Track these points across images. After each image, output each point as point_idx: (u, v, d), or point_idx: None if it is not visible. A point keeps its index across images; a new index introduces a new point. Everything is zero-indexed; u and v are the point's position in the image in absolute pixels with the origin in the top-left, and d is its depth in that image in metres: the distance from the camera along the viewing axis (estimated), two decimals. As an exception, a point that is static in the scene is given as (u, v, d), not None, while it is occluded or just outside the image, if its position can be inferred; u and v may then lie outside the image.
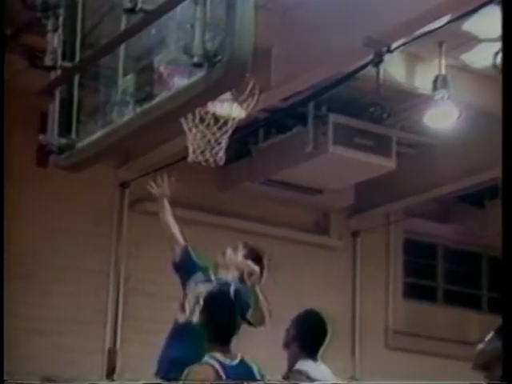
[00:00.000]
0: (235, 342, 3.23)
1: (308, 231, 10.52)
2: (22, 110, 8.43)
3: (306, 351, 3.32)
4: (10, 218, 8.70)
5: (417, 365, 10.34)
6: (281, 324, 4.07)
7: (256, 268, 4.19)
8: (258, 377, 3.18)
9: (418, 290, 11.26)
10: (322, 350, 3.43)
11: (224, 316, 3.20)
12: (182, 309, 4.49)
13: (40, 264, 8.84)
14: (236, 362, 3.16)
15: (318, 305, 10.03)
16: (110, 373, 9.06)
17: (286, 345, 3.38)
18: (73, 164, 4.41)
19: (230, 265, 4.63)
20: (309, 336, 3.35)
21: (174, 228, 4.79)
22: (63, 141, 4.22)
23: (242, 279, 4.50)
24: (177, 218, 9.74)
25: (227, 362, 3.11)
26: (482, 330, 3.16)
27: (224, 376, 3.05)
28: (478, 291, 11.36)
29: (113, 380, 9.02)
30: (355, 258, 10.81)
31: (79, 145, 4.26)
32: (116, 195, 9.50)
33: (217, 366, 3.07)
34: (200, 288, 4.46)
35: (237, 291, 4.02)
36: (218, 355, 3.10)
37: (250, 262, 4.51)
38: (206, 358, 3.11)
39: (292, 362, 3.34)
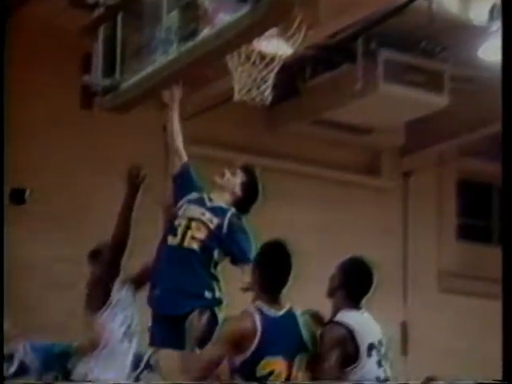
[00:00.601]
0: (284, 292, 3.24)
1: (358, 172, 10.49)
2: (65, 51, 8.48)
3: (350, 300, 3.30)
4: (55, 161, 8.90)
5: (471, 307, 10.35)
6: (331, 270, 4.07)
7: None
8: (303, 329, 3.17)
9: (471, 230, 11.20)
10: (366, 298, 3.42)
11: (279, 267, 3.22)
12: (172, 230, 4.18)
13: (85, 207, 9.00)
14: (281, 312, 3.15)
15: (368, 248, 10.10)
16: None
17: (331, 293, 3.37)
18: (117, 105, 4.46)
19: (226, 188, 4.38)
20: (353, 284, 3.33)
21: (180, 142, 4.62)
22: (107, 81, 4.26)
23: (236, 204, 4.35)
24: (223, 161, 9.85)
25: (271, 312, 3.12)
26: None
27: (260, 329, 3.05)
28: (535, 232, 11.26)
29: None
30: (407, 200, 10.77)
31: (123, 85, 4.31)
32: (161, 137, 9.55)
33: (256, 316, 3.07)
34: (191, 211, 4.24)
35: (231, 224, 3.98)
36: (263, 305, 3.11)
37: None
38: (248, 307, 3.13)
39: (335, 312, 3.34)
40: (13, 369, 3.75)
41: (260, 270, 3.21)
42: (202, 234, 4.05)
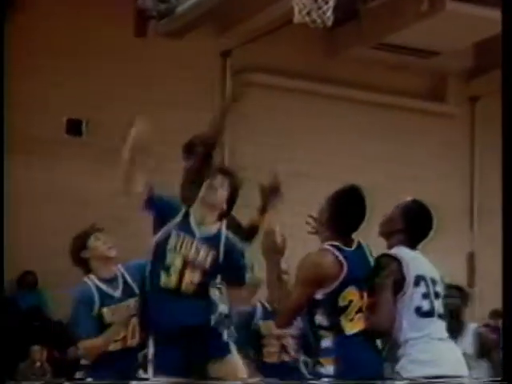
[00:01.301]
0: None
1: (422, 98, 10.32)
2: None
3: (407, 243, 3.38)
4: (112, 92, 8.92)
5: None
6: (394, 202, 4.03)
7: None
8: (371, 259, 3.30)
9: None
10: (423, 242, 3.49)
11: (354, 213, 3.30)
12: (165, 267, 3.81)
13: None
14: (354, 247, 3.29)
15: (434, 179, 9.99)
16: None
17: (387, 235, 3.42)
18: (173, 30, 4.43)
19: (217, 206, 3.92)
20: (412, 230, 3.38)
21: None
22: (163, 5, 4.23)
23: (235, 228, 4.10)
24: (282, 89, 9.77)
25: (346, 248, 3.25)
26: None
27: (344, 262, 3.18)
28: None
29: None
30: (474, 126, 10.59)
31: (179, 9, 4.27)
32: (217, 65, 9.51)
33: (337, 252, 3.20)
34: (183, 248, 3.82)
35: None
36: (338, 243, 3.24)
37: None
38: (324, 246, 3.24)
39: (389, 248, 3.43)
40: (119, 291, 3.88)
41: (335, 215, 3.29)
42: (198, 277, 3.85)
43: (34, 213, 8.58)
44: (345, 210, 3.33)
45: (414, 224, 3.46)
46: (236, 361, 3.92)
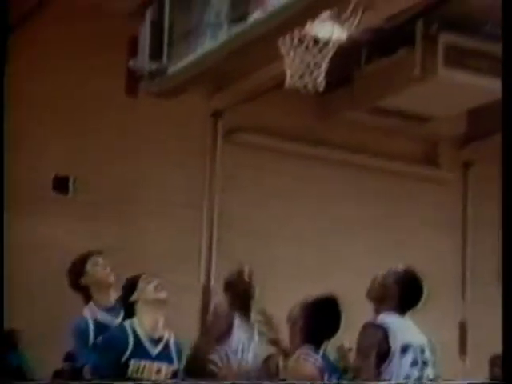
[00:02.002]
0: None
1: (415, 163, 10.39)
2: (112, 36, 8.55)
3: (395, 310, 3.41)
4: (100, 149, 8.98)
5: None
6: (384, 264, 4.06)
7: None
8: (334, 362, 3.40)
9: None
10: (412, 310, 3.53)
11: (329, 325, 3.39)
12: None
13: (131, 196, 9.08)
14: (321, 352, 3.36)
15: (425, 244, 10.00)
16: (205, 310, 9.31)
17: (378, 300, 3.45)
18: (164, 90, 4.49)
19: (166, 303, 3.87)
20: (404, 299, 3.44)
21: None
22: (154, 65, 4.29)
23: None
24: (272, 150, 9.84)
25: (316, 355, 3.30)
26: None
27: (323, 369, 3.23)
28: None
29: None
30: (466, 192, 10.64)
31: (171, 70, 4.33)
32: (209, 125, 9.60)
33: (313, 360, 3.26)
34: (145, 373, 3.62)
35: None
36: (311, 350, 3.30)
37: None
38: (302, 353, 3.28)
39: (376, 313, 3.44)
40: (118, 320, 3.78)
41: (310, 324, 3.37)
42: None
43: (19, 269, 8.54)
44: (320, 320, 3.39)
45: (406, 292, 3.49)
46: None
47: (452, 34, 8.49)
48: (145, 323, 3.79)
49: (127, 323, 3.80)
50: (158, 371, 3.72)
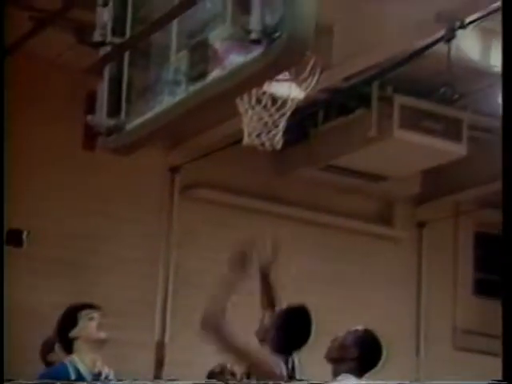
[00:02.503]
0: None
1: (370, 221, 10.46)
2: (69, 90, 8.54)
3: (355, 371, 3.41)
4: (55, 203, 8.90)
5: (487, 367, 10.21)
6: (342, 325, 4.04)
7: None
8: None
9: (489, 286, 11.11)
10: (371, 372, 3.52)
11: (298, 334, 3.37)
12: None
13: (87, 251, 8.98)
14: (290, 367, 3.33)
15: (380, 301, 10.02)
16: (159, 366, 9.18)
17: (336, 361, 3.44)
18: (121, 146, 4.45)
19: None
20: (363, 360, 3.44)
21: None
22: (112, 122, 4.25)
23: None
24: (229, 206, 9.85)
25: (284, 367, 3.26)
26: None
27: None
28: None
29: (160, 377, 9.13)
30: (421, 251, 10.72)
31: (128, 126, 4.30)
32: (166, 180, 9.59)
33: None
34: None
35: None
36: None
37: None
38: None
39: (336, 374, 3.44)
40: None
41: (279, 333, 3.33)
42: None
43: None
44: (289, 329, 3.36)
45: (366, 353, 3.49)
46: None
47: (407, 96, 8.64)
48: (86, 360, 3.76)
49: (68, 362, 3.74)
50: None
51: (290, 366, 3.29)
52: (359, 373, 3.43)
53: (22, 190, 8.75)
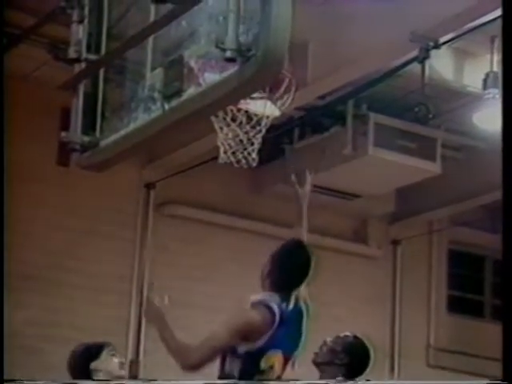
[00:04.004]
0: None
1: (345, 239, 10.48)
2: (43, 106, 8.50)
3: (345, 377, 3.41)
4: (29, 218, 8.84)
5: (460, 385, 10.25)
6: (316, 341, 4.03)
7: None
8: (304, 325, 3.25)
9: (463, 304, 11.16)
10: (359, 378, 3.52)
11: (296, 266, 3.35)
12: None
13: (59, 267, 8.92)
14: (291, 306, 3.27)
15: (354, 319, 10.03)
16: (132, 385, 9.11)
17: (324, 365, 3.44)
18: (96, 163, 4.44)
19: None
20: (353, 366, 3.44)
21: None
22: (86, 138, 4.25)
23: None
24: (204, 223, 9.84)
25: (284, 306, 3.21)
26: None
27: (277, 322, 3.13)
28: (528, 307, 11.20)
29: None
30: (395, 269, 10.75)
31: (103, 143, 4.29)
32: (141, 197, 9.56)
33: (275, 309, 3.16)
34: None
35: None
36: (278, 298, 3.22)
37: None
38: (264, 298, 3.19)
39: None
40: None
41: (276, 268, 3.32)
42: None
43: None
44: (286, 264, 3.35)
45: (355, 360, 3.51)
46: None
47: (382, 115, 8.69)
48: None
49: None
50: None
51: (290, 303, 3.26)
52: (346, 379, 3.44)
53: (-5, 205, 8.68)
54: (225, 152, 5.76)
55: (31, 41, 7.45)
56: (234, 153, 5.72)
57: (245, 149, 5.72)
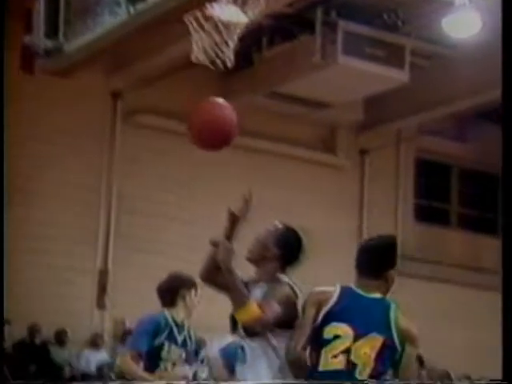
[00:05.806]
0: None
1: (313, 149, 10.50)
2: (7, 6, 8.26)
3: (281, 269, 3.57)
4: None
5: (427, 292, 10.46)
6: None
7: None
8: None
9: (430, 212, 11.31)
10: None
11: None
12: None
13: (31, 177, 8.88)
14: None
15: (322, 227, 10.13)
16: (101, 293, 9.20)
17: (258, 261, 3.59)
18: (60, 69, 4.37)
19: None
20: (288, 255, 3.59)
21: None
22: (50, 43, 4.17)
23: None
24: (173, 132, 9.76)
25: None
26: (498, 255, 3.19)
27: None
28: (494, 215, 11.40)
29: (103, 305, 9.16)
30: (363, 178, 10.82)
31: (67, 48, 4.22)
32: (107, 106, 9.44)
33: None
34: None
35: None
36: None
37: None
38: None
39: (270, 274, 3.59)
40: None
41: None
42: None
43: None
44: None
45: (288, 252, 3.63)
46: None
47: (351, 22, 8.59)
48: (177, 319, 4.34)
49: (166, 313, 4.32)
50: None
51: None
52: (281, 270, 3.55)
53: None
54: (199, 52, 5.63)
55: None
56: (207, 53, 5.61)
57: (220, 49, 5.61)
